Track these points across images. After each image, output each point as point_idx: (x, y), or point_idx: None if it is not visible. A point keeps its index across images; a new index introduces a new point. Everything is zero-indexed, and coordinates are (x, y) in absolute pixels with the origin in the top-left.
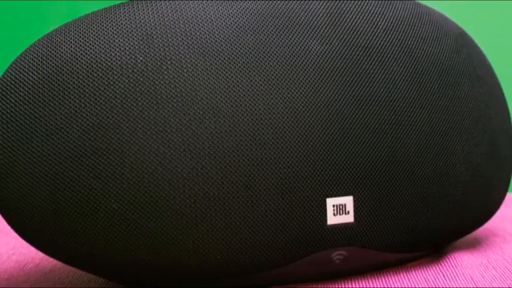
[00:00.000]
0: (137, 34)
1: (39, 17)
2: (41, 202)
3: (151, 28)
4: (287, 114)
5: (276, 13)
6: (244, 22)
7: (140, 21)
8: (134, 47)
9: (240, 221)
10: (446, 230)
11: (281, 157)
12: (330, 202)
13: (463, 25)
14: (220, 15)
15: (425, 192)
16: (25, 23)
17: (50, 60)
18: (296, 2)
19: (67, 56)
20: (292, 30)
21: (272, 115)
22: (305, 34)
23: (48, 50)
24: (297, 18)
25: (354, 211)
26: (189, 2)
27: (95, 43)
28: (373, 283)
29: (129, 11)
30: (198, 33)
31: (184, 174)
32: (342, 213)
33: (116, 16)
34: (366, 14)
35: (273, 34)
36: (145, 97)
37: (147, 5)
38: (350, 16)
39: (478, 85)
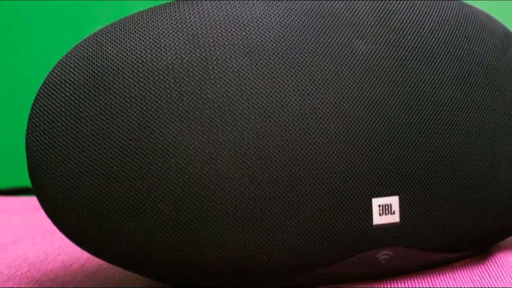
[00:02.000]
0: (183, 34)
1: (85, 17)
2: (86, 202)
3: (197, 28)
4: (334, 114)
5: (322, 13)
6: (290, 22)
7: (186, 21)
8: (180, 47)
9: (286, 222)
10: (492, 230)
11: (327, 157)
12: (376, 202)
13: (509, 25)
14: (266, 15)
15: (471, 192)
16: (72, 23)
17: (96, 60)
18: (342, 2)
19: (112, 56)
20: (338, 30)
21: (319, 115)
22: (352, 34)
23: (94, 50)
24: (343, 18)
25: (400, 211)
26: (235, 2)
27: (140, 43)
28: (418, 283)
29: (175, 11)
30: (244, 33)
31: (230, 174)
32: (388, 213)
33: (161, 16)
34: (412, 14)
35: (319, 34)
36: (191, 97)
37: (193, 5)
38: (396, 16)
39: None
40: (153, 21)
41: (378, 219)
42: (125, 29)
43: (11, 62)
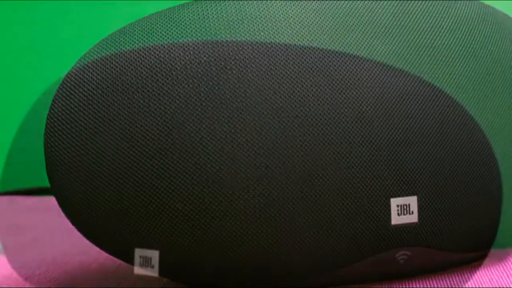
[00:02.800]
0: (201, 34)
1: (103, 18)
2: (105, 203)
3: (215, 28)
4: (352, 113)
5: (340, 13)
6: (309, 22)
7: (204, 21)
8: (198, 47)
9: (305, 222)
10: (511, 229)
11: (345, 157)
12: (394, 202)
13: None
14: (284, 15)
15: (489, 192)
16: (89, 24)
17: (114, 61)
18: (361, 2)
19: (131, 56)
20: (357, 30)
21: (337, 115)
22: (370, 34)
23: (112, 51)
24: (361, 18)
25: (418, 211)
26: (253, 2)
27: (158, 43)
28: (437, 283)
29: (193, 11)
30: (262, 33)
31: (248, 174)
32: (406, 213)
33: (179, 17)
34: (430, 14)
35: (337, 34)
36: (209, 96)
37: (211, 5)
38: (415, 16)
39: None
40: (171, 21)
41: (396, 219)
42: (143, 29)
43: (28, 62)
